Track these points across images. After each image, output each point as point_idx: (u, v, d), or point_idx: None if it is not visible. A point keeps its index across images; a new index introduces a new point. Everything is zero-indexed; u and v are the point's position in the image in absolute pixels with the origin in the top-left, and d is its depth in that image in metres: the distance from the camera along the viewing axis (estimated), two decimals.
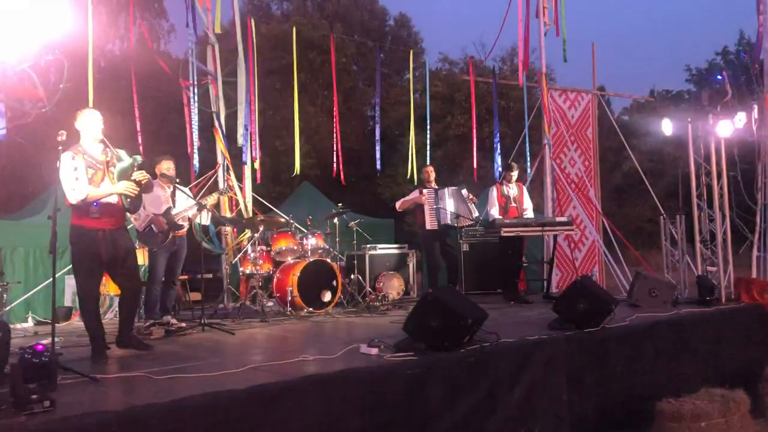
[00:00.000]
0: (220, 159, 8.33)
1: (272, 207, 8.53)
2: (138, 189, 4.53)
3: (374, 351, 4.40)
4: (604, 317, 5.39)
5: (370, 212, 17.03)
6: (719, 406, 4.78)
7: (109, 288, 6.66)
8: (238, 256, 7.66)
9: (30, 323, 7.06)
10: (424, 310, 4.51)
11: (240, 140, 8.36)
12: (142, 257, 6.14)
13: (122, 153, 4.56)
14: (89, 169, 4.39)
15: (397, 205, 8.15)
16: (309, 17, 33.33)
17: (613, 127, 12.37)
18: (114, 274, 4.69)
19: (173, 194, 6.15)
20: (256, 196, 8.52)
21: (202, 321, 5.80)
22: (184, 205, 6.17)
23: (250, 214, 8.34)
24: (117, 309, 5.40)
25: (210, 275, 8.21)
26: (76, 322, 6.80)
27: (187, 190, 6.47)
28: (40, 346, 3.30)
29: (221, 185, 8.26)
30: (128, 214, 4.90)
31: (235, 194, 8.20)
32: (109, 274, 4.71)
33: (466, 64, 37.47)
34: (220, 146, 8.21)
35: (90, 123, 4.47)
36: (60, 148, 4.11)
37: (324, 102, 25.39)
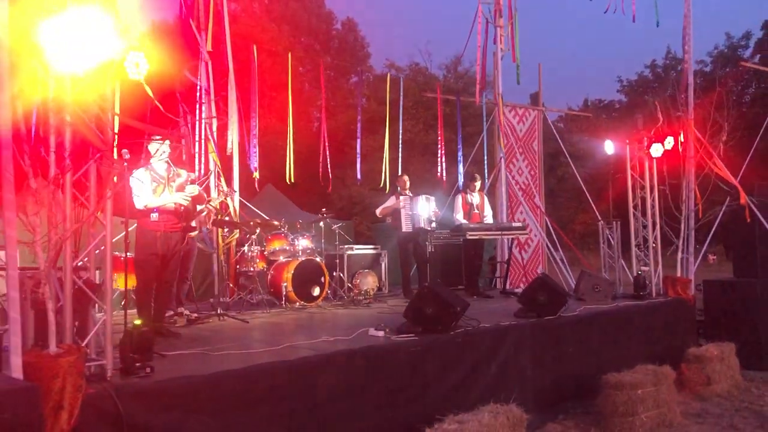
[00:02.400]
0: (211, 166, 9.10)
1: (259, 212, 9.35)
2: (188, 200, 5.43)
3: (381, 333, 5.38)
4: (560, 307, 6.52)
5: (316, 211, 17.74)
6: (651, 378, 5.95)
7: (119, 283, 7.38)
8: (236, 255, 8.43)
9: None
10: (421, 300, 5.52)
11: (228, 149, 9.17)
12: None
13: (182, 171, 5.46)
14: (153, 182, 5.28)
15: (378, 211, 9.08)
16: (257, 19, 33.84)
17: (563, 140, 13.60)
18: (163, 268, 5.53)
19: None
20: (244, 201, 9.33)
21: (218, 311, 6.65)
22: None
23: (238, 218, 9.13)
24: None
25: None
26: None
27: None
28: None
29: (212, 191, 9.02)
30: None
31: (226, 198, 8.99)
32: (161, 267, 5.53)
33: (412, 70, 38.58)
34: (213, 155, 8.98)
35: (157, 149, 5.39)
36: (125, 164, 4.92)
37: (271, 104, 25.95)
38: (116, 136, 3.69)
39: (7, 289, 3.39)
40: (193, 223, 6.96)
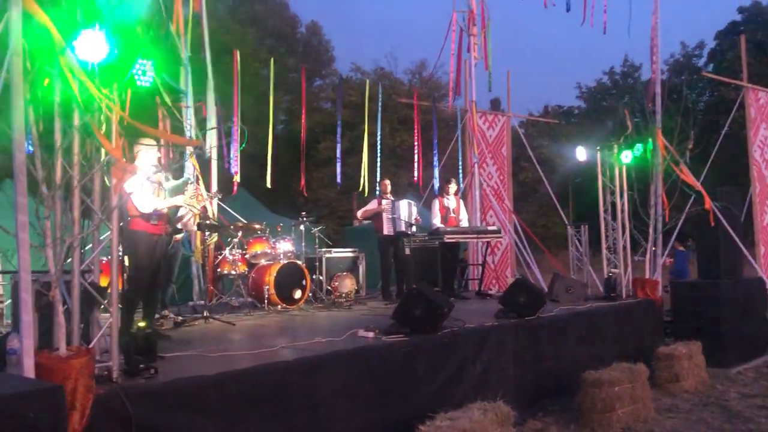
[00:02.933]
0: (190, 170, 9.10)
1: (239, 216, 9.40)
2: (191, 203, 5.53)
3: (371, 334, 5.52)
4: (539, 309, 6.75)
5: (285, 213, 17.77)
6: (627, 375, 6.21)
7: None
8: (219, 258, 8.44)
9: None
10: (409, 301, 5.67)
11: (207, 152, 9.20)
12: None
13: (169, 176, 5.55)
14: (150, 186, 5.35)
15: (359, 214, 9.24)
16: (221, 21, 33.68)
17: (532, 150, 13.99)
18: (157, 271, 5.59)
19: None
20: (223, 205, 9.36)
21: (204, 314, 6.70)
22: (181, 213, 7.04)
23: (216, 221, 9.16)
24: None
25: None
26: None
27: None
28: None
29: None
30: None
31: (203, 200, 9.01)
32: (156, 270, 5.59)
33: (377, 74, 38.84)
34: (192, 160, 8.99)
35: (148, 154, 5.44)
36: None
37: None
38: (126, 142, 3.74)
39: (19, 292, 3.44)
40: (179, 226, 7.02)
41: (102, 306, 4.02)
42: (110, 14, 3.65)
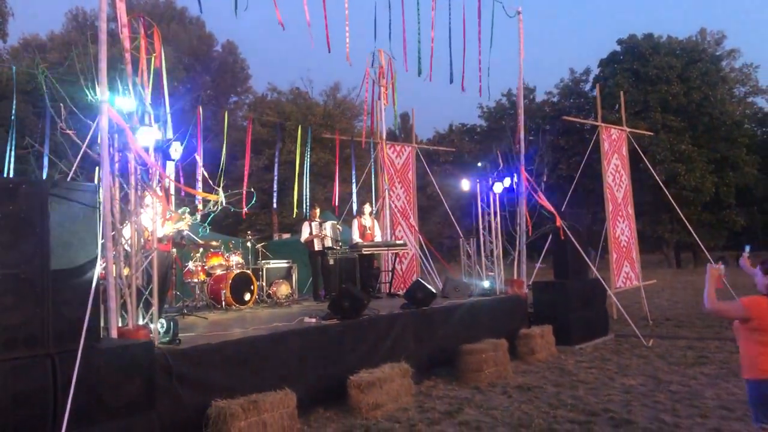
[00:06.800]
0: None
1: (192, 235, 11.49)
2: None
3: (313, 319, 7.86)
4: (431, 301, 9.27)
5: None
6: (492, 347, 8.80)
7: None
8: (183, 270, 10.47)
9: None
10: (341, 297, 8.03)
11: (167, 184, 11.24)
12: None
13: None
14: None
15: (302, 240, 11.54)
16: (138, 38, 34.87)
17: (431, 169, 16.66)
18: (164, 278, 7.71)
19: None
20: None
21: (183, 311, 8.82)
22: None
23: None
24: None
25: None
26: None
27: None
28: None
29: None
30: None
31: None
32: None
33: (294, 94, 40.83)
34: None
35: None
36: None
37: None
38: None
39: (108, 290, 5.59)
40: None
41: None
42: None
